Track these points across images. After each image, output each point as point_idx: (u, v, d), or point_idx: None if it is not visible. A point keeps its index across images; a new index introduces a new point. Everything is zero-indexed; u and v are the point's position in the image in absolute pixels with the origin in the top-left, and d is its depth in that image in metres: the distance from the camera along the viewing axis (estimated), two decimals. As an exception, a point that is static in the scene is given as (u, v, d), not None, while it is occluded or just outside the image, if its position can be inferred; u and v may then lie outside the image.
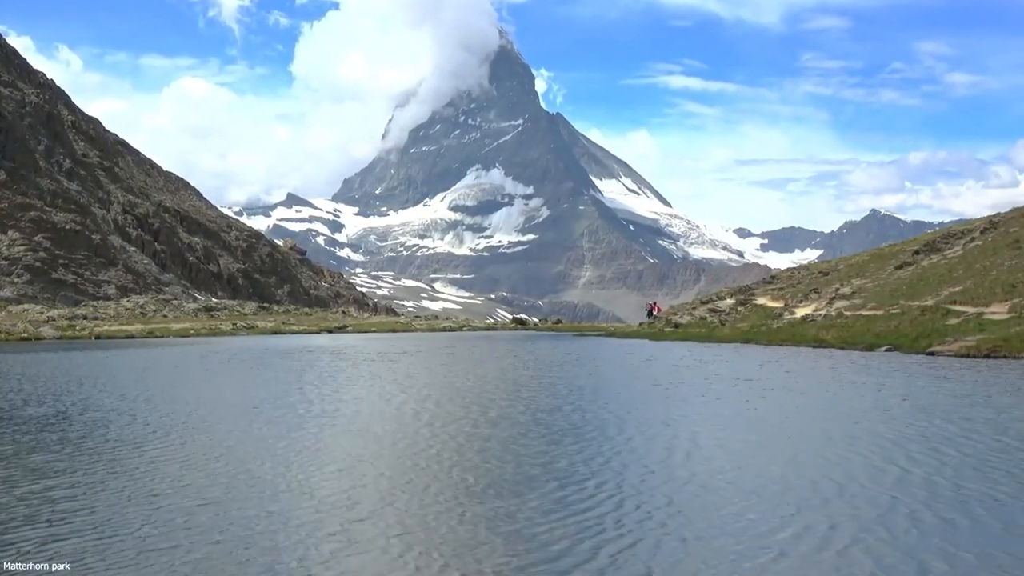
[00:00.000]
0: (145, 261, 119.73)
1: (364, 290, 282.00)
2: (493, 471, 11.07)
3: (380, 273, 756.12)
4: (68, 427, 14.90)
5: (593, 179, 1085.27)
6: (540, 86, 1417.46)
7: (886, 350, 33.91)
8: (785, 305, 55.05)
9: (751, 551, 7.68)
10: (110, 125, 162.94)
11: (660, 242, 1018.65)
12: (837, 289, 53.33)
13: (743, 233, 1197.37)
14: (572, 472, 10.92)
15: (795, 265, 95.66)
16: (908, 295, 43.83)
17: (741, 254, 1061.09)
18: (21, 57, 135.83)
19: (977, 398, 17.95)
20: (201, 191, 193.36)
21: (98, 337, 62.22)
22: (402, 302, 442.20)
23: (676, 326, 59.45)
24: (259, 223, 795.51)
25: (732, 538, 8.07)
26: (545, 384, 22.72)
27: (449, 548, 7.89)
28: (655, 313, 75.05)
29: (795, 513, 8.85)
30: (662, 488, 10.01)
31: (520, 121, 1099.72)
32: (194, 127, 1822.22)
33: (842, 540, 7.94)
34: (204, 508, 9.20)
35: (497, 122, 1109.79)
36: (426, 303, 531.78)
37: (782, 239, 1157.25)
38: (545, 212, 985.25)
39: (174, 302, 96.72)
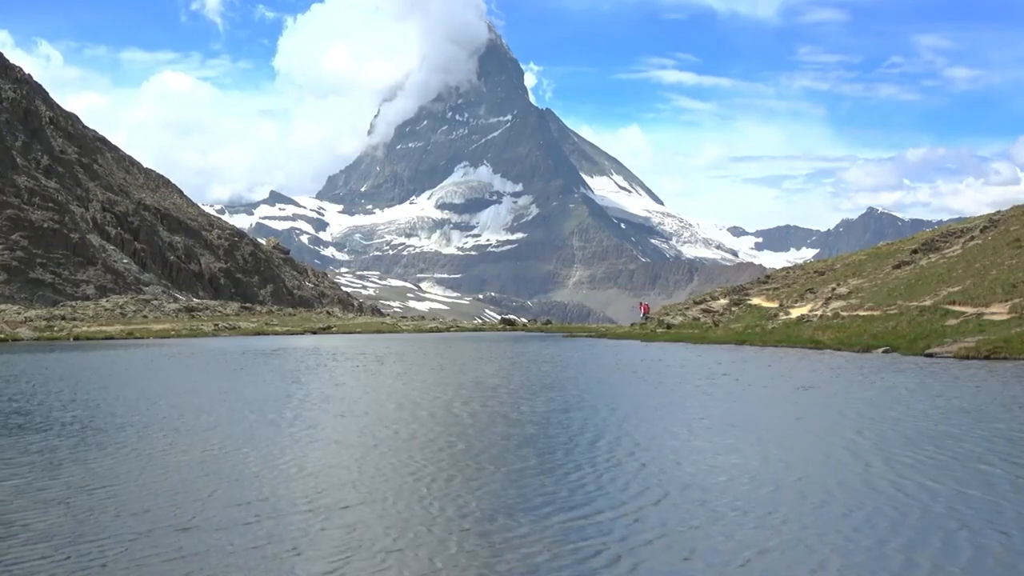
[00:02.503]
0: (125, 260, 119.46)
1: (349, 290, 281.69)
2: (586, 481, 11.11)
3: (365, 273, 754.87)
4: (118, 430, 15.05)
5: (583, 176, 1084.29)
6: (529, 80, 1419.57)
7: (883, 352, 33.94)
8: (780, 305, 55.13)
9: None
10: (89, 121, 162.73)
11: (652, 241, 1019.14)
12: (833, 289, 53.41)
13: (737, 232, 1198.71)
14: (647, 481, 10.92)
15: (790, 264, 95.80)
16: (906, 295, 43.90)
17: (735, 253, 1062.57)
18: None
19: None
20: (182, 188, 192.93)
21: (76, 338, 62.06)
22: (388, 302, 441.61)
23: (668, 327, 59.52)
24: (241, 221, 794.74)
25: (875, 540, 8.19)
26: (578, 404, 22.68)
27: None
28: (644, 313, 75.26)
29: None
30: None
31: (509, 117, 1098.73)
32: (175, 123, 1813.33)
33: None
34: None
35: (485, 118, 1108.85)
36: (412, 303, 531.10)
37: (777, 238, 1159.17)
38: (534, 210, 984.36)
39: (154, 302, 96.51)
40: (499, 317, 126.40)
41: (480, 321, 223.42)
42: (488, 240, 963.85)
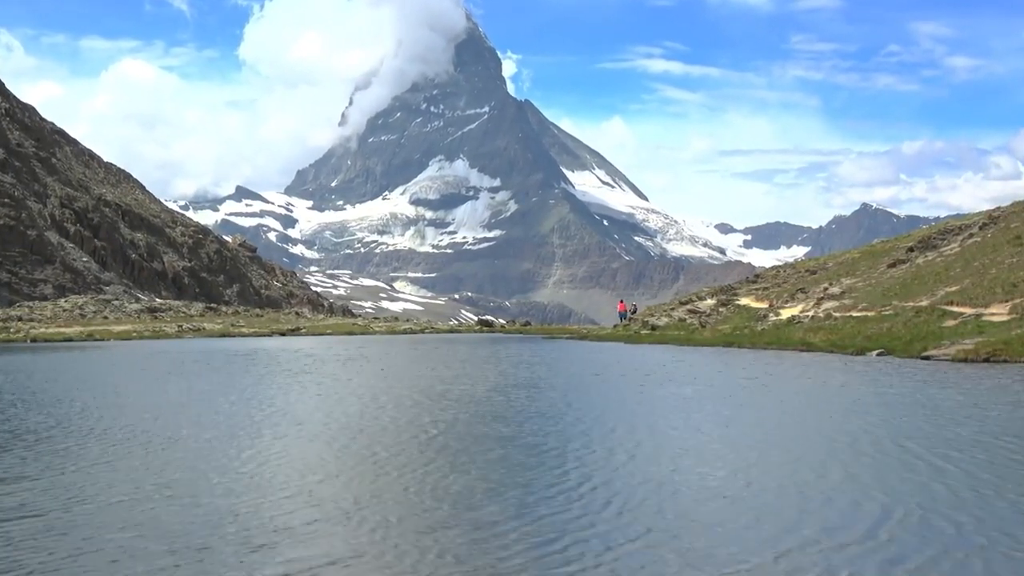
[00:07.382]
0: (84, 259, 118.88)
1: (319, 290, 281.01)
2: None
3: (336, 272, 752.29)
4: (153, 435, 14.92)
5: (564, 171, 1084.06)
6: (508, 69, 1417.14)
7: (878, 354, 34.02)
8: (770, 306, 55.23)
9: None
10: (47, 113, 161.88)
11: (636, 238, 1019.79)
12: (825, 289, 53.54)
13: (725, 229, 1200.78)
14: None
15: (781, 263, 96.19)
16: (902, 295, 44.04)
17: (723, 251, 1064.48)
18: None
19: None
20: (144, 183, 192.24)
21: (34, 340, 61.72)
22: (360, 302, 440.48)
23: (653, 328, 59.49)
24: (206, 218, 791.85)
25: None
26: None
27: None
28: (622, 312, 75.44)
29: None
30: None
31: (486, 109, 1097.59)
32: (137, 114, 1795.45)
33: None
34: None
35: (462, 109, 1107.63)
36: (385, 304, 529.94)
37: (767, 235, 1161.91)
38: (513, 206, 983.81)
39: (115, 303, 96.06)
40: (476, 318, 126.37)
41: (456, 322, 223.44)
42: (464, 237, 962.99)
